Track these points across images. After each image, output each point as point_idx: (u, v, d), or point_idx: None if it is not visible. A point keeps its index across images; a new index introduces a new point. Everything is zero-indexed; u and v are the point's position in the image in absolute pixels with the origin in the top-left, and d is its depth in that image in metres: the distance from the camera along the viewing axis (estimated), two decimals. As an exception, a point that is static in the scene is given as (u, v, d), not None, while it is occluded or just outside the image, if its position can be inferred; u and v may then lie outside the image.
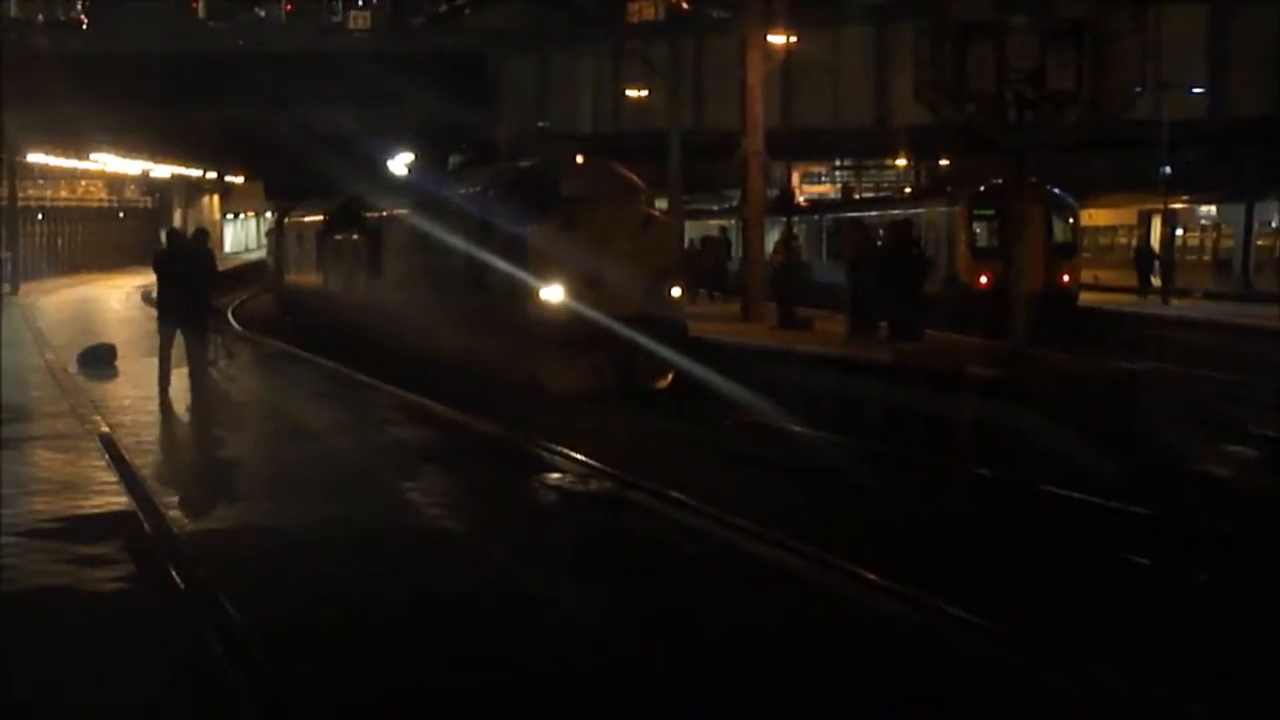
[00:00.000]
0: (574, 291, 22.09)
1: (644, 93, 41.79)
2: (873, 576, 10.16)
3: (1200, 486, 15.26)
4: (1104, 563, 11.74)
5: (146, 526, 11.91)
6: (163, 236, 21.30)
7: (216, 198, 78.78)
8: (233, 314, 41.04)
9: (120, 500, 13.08)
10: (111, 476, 14.27)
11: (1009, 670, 8.51)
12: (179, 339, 21.72)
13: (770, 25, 32.56)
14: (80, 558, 10.75)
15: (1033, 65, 22.46)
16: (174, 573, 10.39)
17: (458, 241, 24.38)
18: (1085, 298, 36.77)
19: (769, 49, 32.84)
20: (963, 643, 8.96)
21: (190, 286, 23.35)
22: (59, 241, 65.28)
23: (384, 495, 13.64)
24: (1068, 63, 22.76)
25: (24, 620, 9.29)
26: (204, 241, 25.50)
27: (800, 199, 54.17)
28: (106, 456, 15.40)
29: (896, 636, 9.15)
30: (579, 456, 15.53)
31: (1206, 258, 44.37)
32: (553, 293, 22.21)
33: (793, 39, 34.03)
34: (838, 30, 42.35)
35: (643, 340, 21.85)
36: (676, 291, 23.36)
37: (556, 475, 14.82)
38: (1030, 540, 12.52)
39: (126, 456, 15.36)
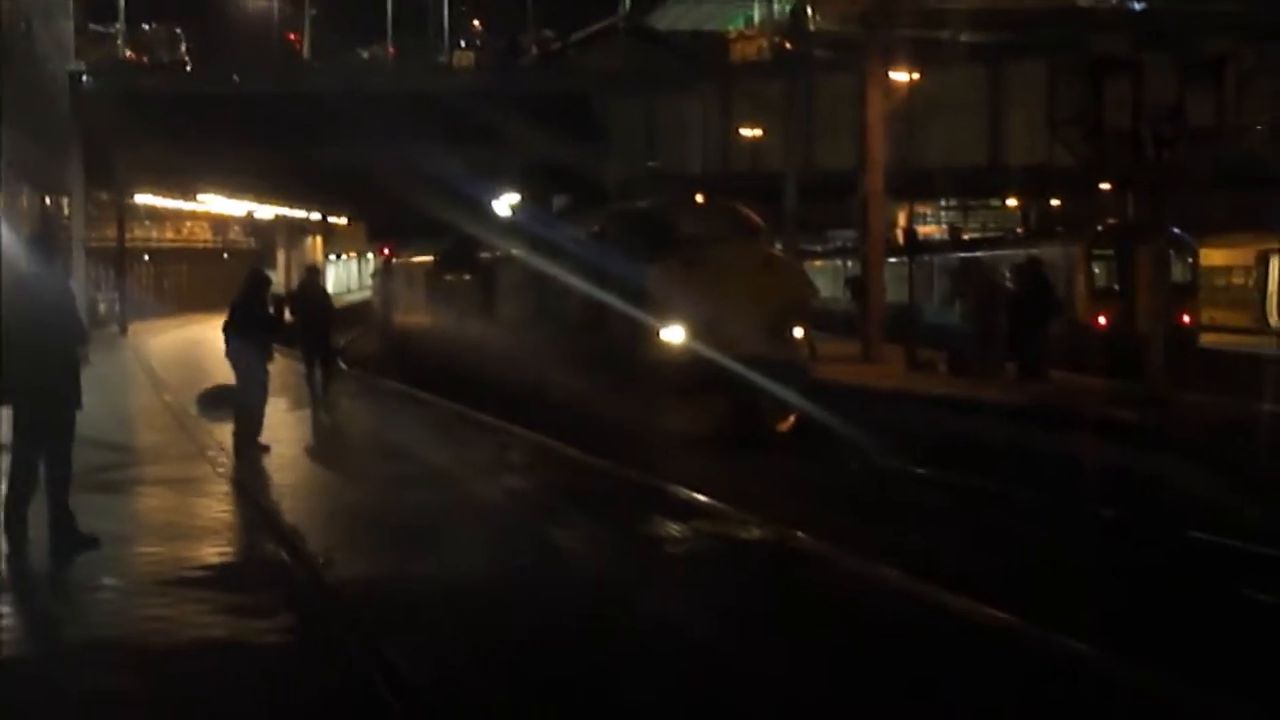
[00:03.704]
0: (694, 332, 21.73)
1: (757, 132, 41.47)
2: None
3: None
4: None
5: (297, 574, 11.60)
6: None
7: (320, 238, 79.06)
8: (340, 355, 40.92)
9: (265, 547, 12.78)
10: (251, 522, 13.99)
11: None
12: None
13: (891, 63, 32.18)
14: (234, 607, 10.40)
15: (1171, 101, 21.92)
16: (335, 624, 10.06)
17: (575, 281, 24.11)
18: (1204, 339, 36.12)
19: (890, 87, 32.46)
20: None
21: (308, 327, 23.22)
22: (164, 282, 65.73)
23: (533, 541, 13.21)
24: (1206, 99, 22.21)
25: (189, 675, 8.95)
26: (316, 280, 25.32)
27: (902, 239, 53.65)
28: (242, 501, 15.13)
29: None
30: (721, 503, 15.04)
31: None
32: (672, 333, 21.87)
33: (915, 77, 33.67)
34: (951, 69, 41.81)
35: (764, 382, 21.44)
36: (799, 332, 22.95)
37: (699, 520, 14.37)
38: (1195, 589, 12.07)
39: (262, 501, 15.10)
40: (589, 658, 9.33)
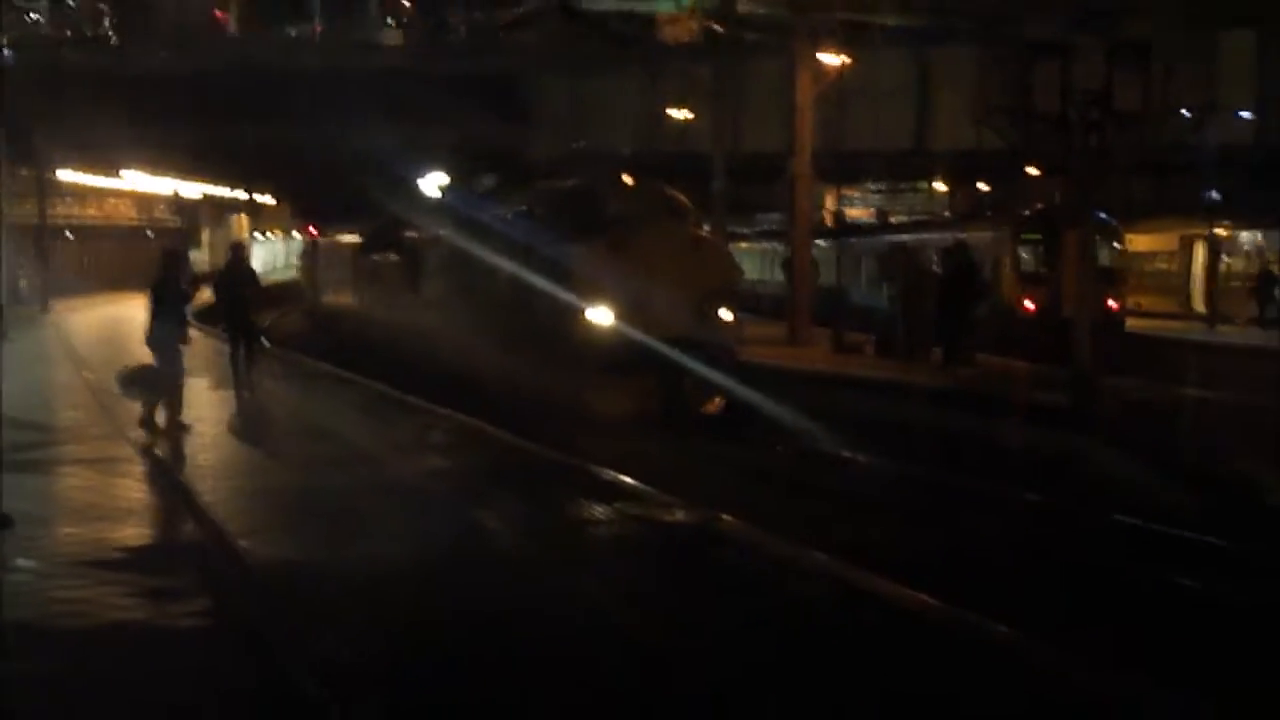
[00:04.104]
0: (620, 313, 21.59)
1: (687, 114, 41.40)
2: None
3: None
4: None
5: (216, 557, 11.44)
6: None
7: (245, 217, 78.46)
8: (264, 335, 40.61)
9: (184, 528, 12.62)
10: (171, 503, 13.81)
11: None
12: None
13: (820, 46, 32.18)
14: (152, 590, 10.25)
15: (1099, 86, 21.92)
16: (251, 607, 9.92)
17: (501, 262, 23.94)
18: (1130, 324, 36.32)
19: (819, 70, 32.47)
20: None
21: (230, 304, 23.04)
22: (87, 260, 65.00)
23: (458, 523, 13.09)
24: (1132, 84, 22.21)
25: (105, 659, 8.79)
26: (242, 257, 25.08)
27: (830, 222, 53.75)
28: (162, 481, 14.94)
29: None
30: (648, 486, 14.95)
31: (1251, 285, 44.00)
32: (599, 314, 21.73)
33: (845, 60, 33.70)
34: (877, 53, 41.91)
35: (690, 364, 21.35)
36: (727, 314, 22.86)
37: (626, 503, 14.28)
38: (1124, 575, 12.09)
39: (183, 482, 14.92)
40: (511, 640, 9.25)
